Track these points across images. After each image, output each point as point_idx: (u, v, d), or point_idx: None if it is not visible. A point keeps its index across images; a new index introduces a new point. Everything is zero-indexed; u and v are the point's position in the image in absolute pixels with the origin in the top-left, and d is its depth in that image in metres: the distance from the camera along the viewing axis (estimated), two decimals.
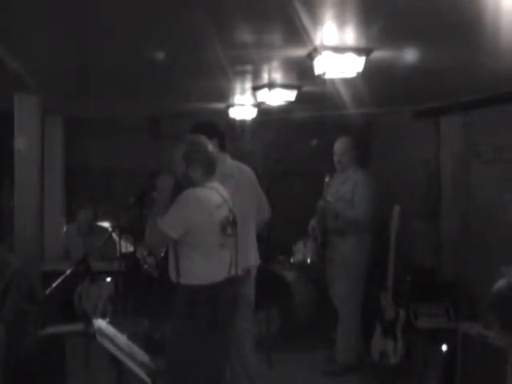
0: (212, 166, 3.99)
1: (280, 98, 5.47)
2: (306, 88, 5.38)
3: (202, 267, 3.82)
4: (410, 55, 4.17)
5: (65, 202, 7.86)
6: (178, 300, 3.86)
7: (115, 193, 8.00)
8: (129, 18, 3.24)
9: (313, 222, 6.20)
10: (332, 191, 6.13)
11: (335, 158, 6.13)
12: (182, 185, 3.94)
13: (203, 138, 4.08)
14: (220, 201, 3.91)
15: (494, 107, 5.66)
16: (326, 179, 6.21)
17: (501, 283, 3.16)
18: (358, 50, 3.81)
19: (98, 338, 3.81)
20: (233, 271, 3.96)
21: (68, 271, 5.04)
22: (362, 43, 3.73)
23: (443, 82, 5.22)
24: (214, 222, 3.83)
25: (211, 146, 4.04)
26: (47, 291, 4.94)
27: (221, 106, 6.91)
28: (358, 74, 4.02)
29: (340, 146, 6.13)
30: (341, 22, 3.29)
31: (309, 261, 6.64)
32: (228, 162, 4.84)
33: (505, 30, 3.29)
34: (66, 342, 4.87)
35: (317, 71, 3.99)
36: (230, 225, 3.92)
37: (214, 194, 3.91)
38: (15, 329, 4.32)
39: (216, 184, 4.00)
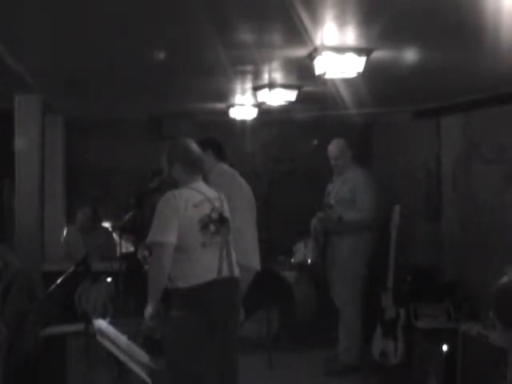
0: (195, 166, 3.98)
1: (280, 98, 5.47)
2: (307, 88, 5.38)
3: (187, 269, 3.78)
4: (410, 55, 4.18)
5: (65, 202, 7.86)
6: (171, 305, 3.84)
7: (116, 193, 8.01)
8: (129, 19, 3.25)
9: (314, 222, 6.20)
10: (332, 194, 6.15)
11: (331, 162, 6.15)
12: (168, 185, 3.96)
13: (186, 140, 4.08)
14: (200, 199, 3.87)
15: (495, 107, 5.66)
16: (329, 186, 6.22)
17: (503, 281, 3.16)
18: (359, 50, 3.82)
19: (99, 338, 3.81)
20: (225, 272, 3.88)
21: (68, 271, 5.04)
22: (363, 43, 3.73)
23: (443, 82, 5.23)
24: (192, 220, 3.80)
25: (195, 147, 4.04)
26: (48, 291, 4.94)
27: (221, 106, 6.91)
28: (359, 74, 4.02)
29: (333, 149, 6.15)
30: (341, 23, 3.29)
31: (309, 261, 6.64)
32: (227, 169, 4.88)
33: (505, 31, 3.30)
34: (67, 342, 4.87)
35: (317, 71, 4.00)
36: (214, 223, 3.86)
37: (193, 193, 3.88)
38: (16, 329, 4.31)
39: (199, 183, 3.98)
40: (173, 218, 3.76)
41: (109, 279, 6.35)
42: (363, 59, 3.87)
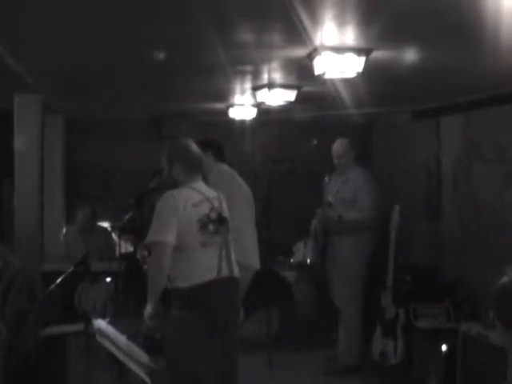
0: (195, 166, 3.98)
1: (280, 98, 5.47)
2: (306, 88, 5.38)
3: (187, 269, 3.78)
4: (409, 55, 4.17)
5: (65, 202, 7.86)
6: (170, 305, 3.84)
7: (115, 193, 8.01)
8: (129, 18, 3.25)
9: (315, 223, 6.20)
10: (332, 192, 6.15)
11: (334, 161, 6.15)
12: (167, 185, 3.96)
13: (185, 140, 4.09)
14: (199, 199, 3.87)
15: (495, 107, 5.66)
16: (326, 179, 6.23)
17: (503, 281, 3.17)
18: (358, 50, 3.82)
19: (98, 338, 3.80)
20: (225, 271, 3.87)
21: (68, 271, 5.04)
22: (362, 43, 3.73)
23: (443, 82, 5.23)
24: (191, 220, 3.80)
25: (195, 147, 4.04)
26: (47, 291, 4.94)
27: (221, 106, 6.91)
28: (358, 74, 4.02)
29: (338, 148, 6.15)
30: (340, 22, 3.29)
31: (308, 261, 6.64)
32: (226, 169, 4.89)
33: (505, 31, 3.30)
34: (67, 342, 4.87)
35: (316, 71, 4.00)
36: (213, 223, 3.86)
37: (192, 193, 3.88)
38: (16, 329, 4.31)
39: (198, 183, 3.98)
40: (172, 217, 3.76)
41: (108, 279, 6.35)
42: (363, 59, 3.87)
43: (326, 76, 4.09)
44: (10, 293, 4.32)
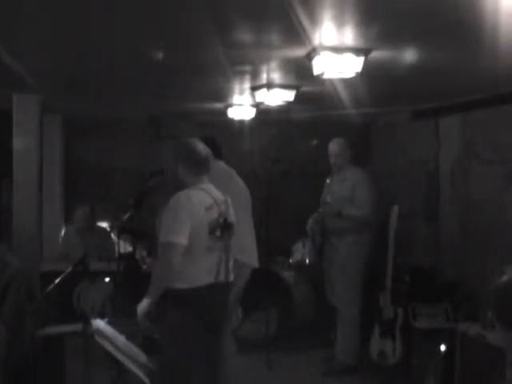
0: (200, 165, 3.96)
1: (279, 98, 5.47)
2: (305, 88, 5.38)
3: (188, 271, 3.78)
4: (409, 55, 4.18)
5: (64, 202, 7.86)
6: (168, 304, 3.85)
7: (115, 193, 8.01)
8: (129, 18, 3.25)
9: (311, 222, 6.20)
10: (331, 191, 6.15)
11: (331, 160, 6.15)
12: (175, 186, 3.95)
13: (189, 140, 4.07)
14: (210, 202, 3.86)
15: (493, 107, 5.66)
16: (328, 181, 6.23)
17: (503, 280, 3.16)
18: (357, 51, 3.82)
19: (97, 337, 3.81)
20: (222, 277, 3.87)
21: (67, 271, 5.04)
22: (361, 43, 3.73)
23: (442, 82, 5.23)
24: (203, 223, 3.79)
25: (201, 146, 4.02)
26: (46, 291, 4.94)
27: (219, 106, 6.91)
28: (357, 74, 4.03)
29: (334, 147, 6.14)
30: (339, 23, 3.29)
31: (307, 261, 6.63)
32: (223, 167, 4.89)
33: (504, 30, 3.30)
34: (65, 342, 4.87)
35: (315, 71, 4.00)
36: (220, 228, 3.86)
37: (204, 195, 3.87)
38: (15, 329, 4.31)
39: (208, 185, 3.97)
40: (186, 219, 3.75)
41: (107, 279, 6.35)
42: (361, 59, 3.87)
43: (325, 76, 4.09)
44: (9, 293, 4.31)
